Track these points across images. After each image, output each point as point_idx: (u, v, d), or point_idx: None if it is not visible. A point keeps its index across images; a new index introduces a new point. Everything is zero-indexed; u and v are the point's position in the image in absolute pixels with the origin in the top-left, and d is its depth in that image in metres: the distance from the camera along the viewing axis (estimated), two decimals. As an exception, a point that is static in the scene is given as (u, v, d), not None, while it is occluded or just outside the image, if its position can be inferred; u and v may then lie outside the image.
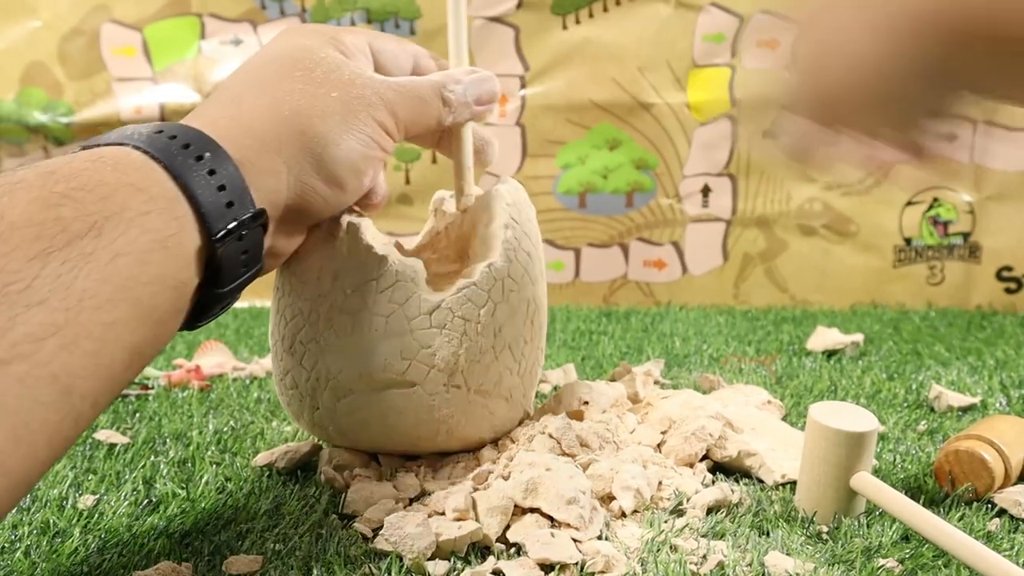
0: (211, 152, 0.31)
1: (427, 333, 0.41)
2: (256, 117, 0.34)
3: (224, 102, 0.35)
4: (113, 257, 0.27)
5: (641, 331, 0.88)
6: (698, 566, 0.35)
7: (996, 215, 1.06)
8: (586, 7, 1.05)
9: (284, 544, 0.38)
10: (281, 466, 0.47)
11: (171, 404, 0.60)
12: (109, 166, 0.29)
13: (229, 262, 0.32)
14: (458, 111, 0.42)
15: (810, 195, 1.08)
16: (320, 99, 0.36)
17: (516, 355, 0.44)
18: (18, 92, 1.05)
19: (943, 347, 0.80)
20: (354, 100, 0.37)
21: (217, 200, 0.31)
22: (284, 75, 0.36)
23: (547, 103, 1.07)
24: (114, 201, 0.28)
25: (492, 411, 0.44)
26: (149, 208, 0.29)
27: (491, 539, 0.37)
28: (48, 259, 0.25)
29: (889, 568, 0.36)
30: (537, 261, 0.46)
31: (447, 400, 0.42)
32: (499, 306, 0.43)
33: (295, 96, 0.35)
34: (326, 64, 0.37)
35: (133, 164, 0.29)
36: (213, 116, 0.34)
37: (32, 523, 0.40)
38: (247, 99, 0.35)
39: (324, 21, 1.05)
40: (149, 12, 1.05)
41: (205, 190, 0.31)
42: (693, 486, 0.43)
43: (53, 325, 0.25)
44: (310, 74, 0.36)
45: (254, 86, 0.36)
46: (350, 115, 0.36)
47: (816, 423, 0.40)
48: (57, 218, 0.26)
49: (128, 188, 0.28)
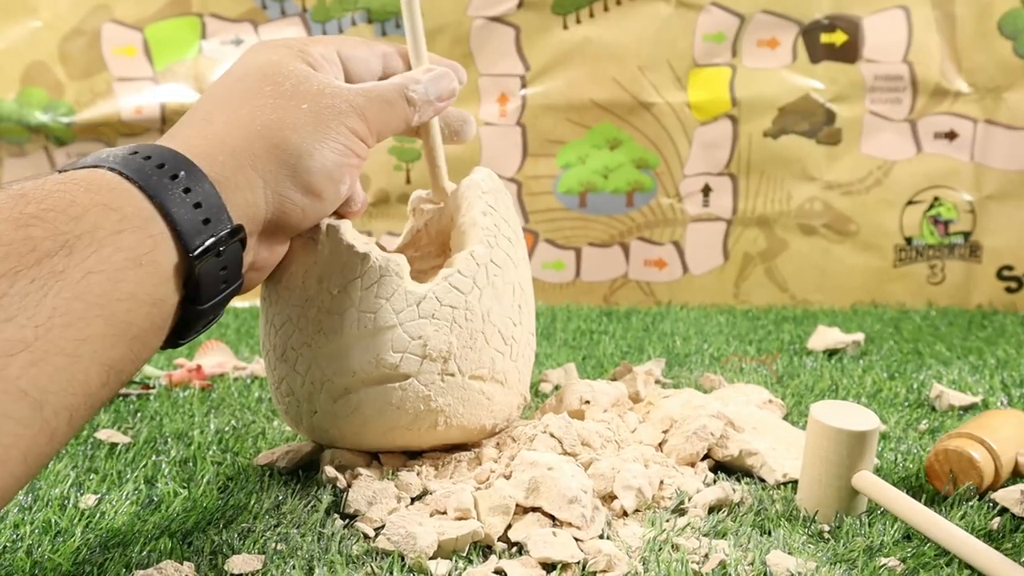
0: (186, 171, 0.32)
1: (416, 324, 0.41)
2: (229, 134, 0.35)
3: (197, 121, 0.36)
4: (85, 275, 0.27)
5: (642, 330, 0.88)
6: (700, 565, 0.35)
7: (997, 214, 1.06)
8: (586, 7, 1.05)
9: (286, 543, 0.38)
10: (282, 465, 0.47)
11: (172, 404, 0.60)
12: (81, 187, 0.29)
13: (208, 279, 0.32)
14: (422, 110, 0.42)
15: (810, 194, 1.08)
16: (291, 112, 0.36)
17: (506, 338, 0.45)
18: (19, 92, 1.05)
19: (944, 346, 0.80)
20: (325, 110, 0.37)
21: (193, 217, 0.31)
22: (254, 91, 0.37)
23: (547, 103, 1.07)
24: (86, 221, 0.28)
25: (489, 396, 0.44)
26: (122, 227, 0.29)
27: (493, 538, 0.37)
28: (16, 278, 0.25)
29: (891, 567, 0.36)
30: (519, 246, 0.47)
31: (443, 389, 0.42)
32: (484, 291, 0.43)
33: (266, 111, 0.36)
34: (295, 77, 0.37)
35: (107, 185, 0.30)
36: (186, 135, 0.35)
37: (34, 522, 0.40)
38: (219, 117, 0.36)
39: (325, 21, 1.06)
40: (150, 12, 1.05)
41: (180, 208, 0.31)
42: (694, 485, 0.43)
43: (22, 342, 0.25)
44: (279, 88, 0.37)
45: (225, 104, 0.36)
46: (322, 125, 0.37)
47: (817, 422, 0.40)
48: (27, 237, 0.26)
49: (100, 208, 0.28)
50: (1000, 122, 1.05)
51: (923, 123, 1.06)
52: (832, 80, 1.06)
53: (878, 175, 1.07)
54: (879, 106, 1.06)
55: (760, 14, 1.05)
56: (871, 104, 1.06)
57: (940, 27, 1.04)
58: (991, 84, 1.04)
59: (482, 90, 1.06)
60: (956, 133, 1.05)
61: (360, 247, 0.41)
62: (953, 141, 1.05)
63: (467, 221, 0.45)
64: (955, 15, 1.03)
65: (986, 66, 1.04)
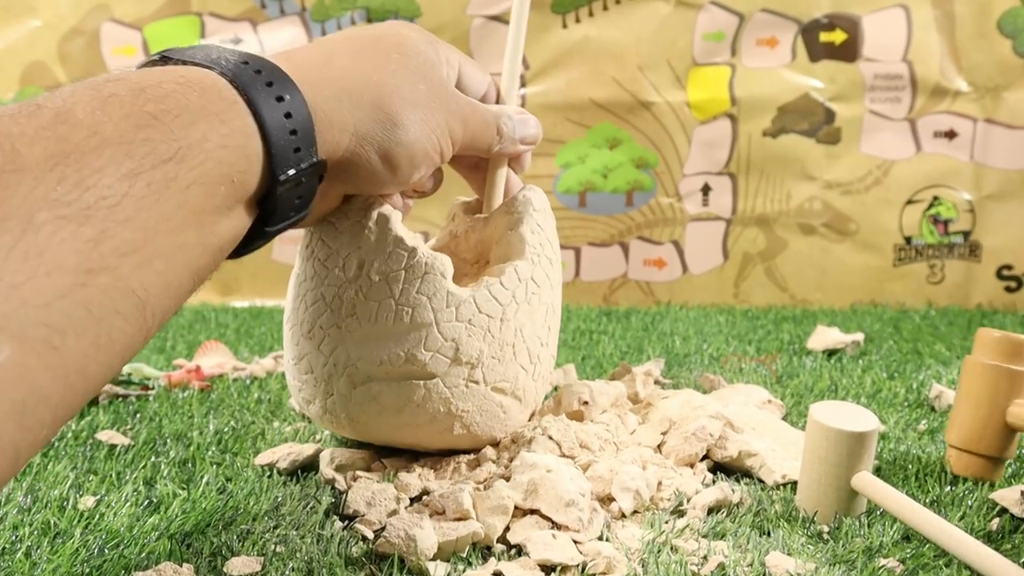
0: (290, 95, 0.33)
1: (452, 326, 0.42)
2: (344, 76, 0.36)
3: (317, 53, 0.37)
4: (189, 185, 0.28)
5: (641, 330, 0.88)
6: (699, 567, 0.35)
7: (996, 214, 1.06)
8: (586, 6, 1.05)
9: (285, 545, 0.38)
10: (282, 467, 0.47)
11: (171, 405, 0.60)
12: (196, 92, 0.30)
13: (284, 204, 0.34)
14: (506, 143, 0.44)
15: (810, 194, 1.08)
16: (409, 84, 0.38)
17: (533, 357, 0.45)
18: (18, 92, 1.04)
19: (943, 346, 0.80)
20: (438, 100, 0.39)
21: (288, 144, 0.32)
22: (383, 52, 0.38)
23: (547, 102, 1.07)
24: (197, 129, 0.29)
25: (505, 410, 0.44)
26: (227, 142, 0.30)
27: (492, 539, 0.37)
28: (135, 180, 0.27)
29: (890, 568, 0.36)
30: (557, 269, 0.48)
31: (465, 394, 0.43)
32: (521, 307, 0.44)
33: (386, 72, 0.37)
34: (423, 58, 0.39)
35: (219, 93, 0.30)
36: (301, 60, 0.35)
37: (33, 524, 0.40)
38: (340, 61, 0.37)
39: (324, 20, 1.05)
40: (149, 11, 1.05)
41: (279, 132, 0.32)
42: (693, 486, 0.43)
43: (134, 243, 0.26)
44: (407, 60, 0.38)
45: (350, 51, 0.37)
46: (429, 111, 0.38)
47: (817, 423, 0.40)
48: (146, 139, 0.27)
49: (211, 117, 0.29)
50: (999, 121, 1.05)
51: (923, 122, 1.06)
52: (831, 79, 1.06)
53: (877, 174, 1.07)
54: (879, 105, 1.06)
55: (759, 13, 1.05)
56: (871, 103, 1.06)
57: (940, 26, 1.04)
58: (990, 83, 1.04)
59: (481, 89, 1.06)
60: (955, 132, 1.05)
61: (408, 240, 0.42)
62: (952, 140, 1.05)
63: (516, 236, 0.46)
64: (955, 14, 1.03)
65: (985, 65, 1.04)
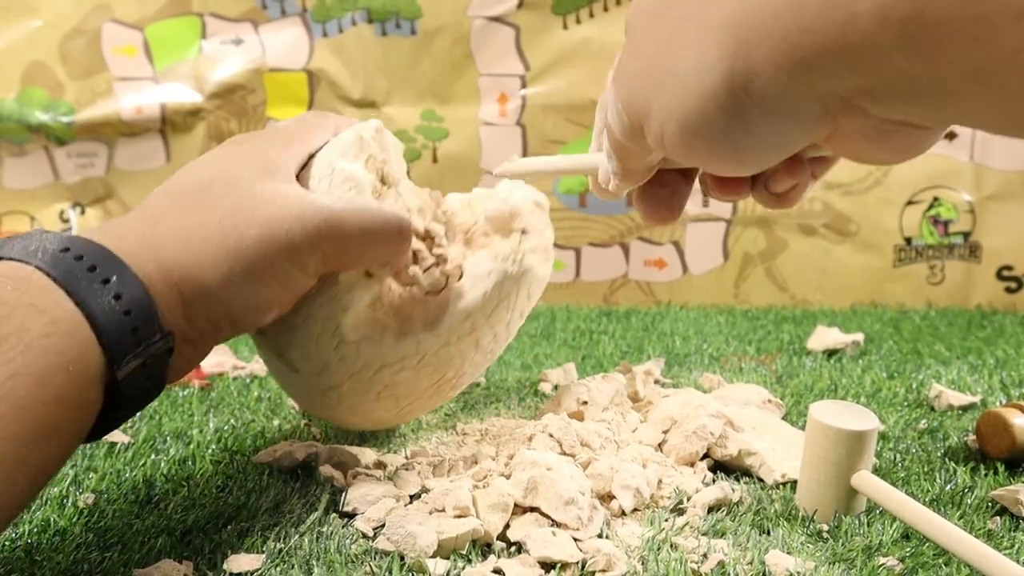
0: (118, 275, 0.31)
1: (326, 352, 0.43)
2: (165, 245, 0.34)
3: (142, 220, 0.35)
4: (11, 376, 0.27)
5: (641, 330, 0.88)
6: (699, 564, 0.35)
7: (996, 214, 1.06)
8: (587, 6, 1.05)
9: (285, 542, 0.38)
10: (282, 465, 0.47)
11: (171, 403, 0.60)
12: (9, 286, 0.28)
13: (132, 387, 0.32)
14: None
15: (810, 195, 1.08)
16: (233, 241, 0.35)
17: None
18: (19, 92, 1.05)
19: (943, 346, 0.80)
20: (269, 244, 0.35)
21: (122, 327, 0.30)
22: (206, 205, 0.35)
23: (548, 103, 1.07)
24: (13, 320, 0.27)
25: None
26: (51, 331, 0.28)
27: (492, 536, 0.37)
28: None
29: (889, 566, 0.36)
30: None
31: None
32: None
33: (211, 229, 0.35)
34: (251, 198, 0.36)
35: (35, 285, 0.29)
36: (125, 232, 0.34)
37: (33, 521, 0.40)
38: (165, 223, 0.35)
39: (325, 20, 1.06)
40: (150, 11, 1.05)
41: (109, 316, 0.30)
42: (694, 485, 0.43)
43: None
44: (239, 204, 0.35)
45: (175, 210, 0.35)
46: (260, 263, 0.35)
47: (817, 422, 0.40)
48: None
49: (28, 308, 0.28)
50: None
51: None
52: (832, 80, 1.06)
53: (878, 175, 1.07)
54: (879, 106, 1.06)
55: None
56: (871, 104, 1.06)
57: (940, 27, 1.04)
58: (991, 84, 1.04)
59: (482, 90, 1.06)
60: (955, 133, 1.05)
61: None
62: (953, 141, 1.05)
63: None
64: (955, 15, 1.03)
65: (986, 66, 1.04)
